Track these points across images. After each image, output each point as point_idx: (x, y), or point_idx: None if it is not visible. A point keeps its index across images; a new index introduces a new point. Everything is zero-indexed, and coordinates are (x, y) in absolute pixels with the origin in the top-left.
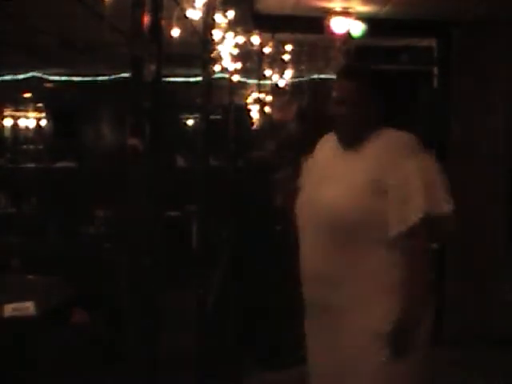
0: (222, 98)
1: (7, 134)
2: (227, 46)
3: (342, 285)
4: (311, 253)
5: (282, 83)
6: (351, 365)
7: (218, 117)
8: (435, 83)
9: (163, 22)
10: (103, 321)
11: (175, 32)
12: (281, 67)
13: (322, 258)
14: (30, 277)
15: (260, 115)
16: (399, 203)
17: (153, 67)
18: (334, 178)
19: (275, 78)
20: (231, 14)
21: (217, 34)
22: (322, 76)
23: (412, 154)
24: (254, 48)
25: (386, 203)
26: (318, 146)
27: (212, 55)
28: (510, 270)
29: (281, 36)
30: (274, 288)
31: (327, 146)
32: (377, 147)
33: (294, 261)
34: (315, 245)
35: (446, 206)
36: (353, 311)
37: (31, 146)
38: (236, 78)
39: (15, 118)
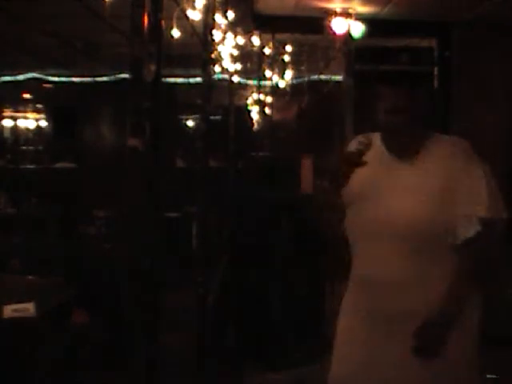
0: (222, 99)
1: (7, 134)
2: (227, 46)
3: (414, 292)
4: (380, 263)
5: (282, 84)
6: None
7: (218, 118)
8: (435, 83)
9: (163, 23)
10: (103, 321)
11: (175, 32)
12: (281, 68)
13: (394, 267)
14: (30, 277)
15: (260, 116)
16: (468, 209)
17: (153, 67)
18: (398, 189)
19: (275, 78)
20: (231, 14)
21: (217, 35)
22: (322, 76)
23: (475, 160)
24: (254, 49)
25: (455, 210)
26: None
27: (212, 56)
28: (510, 269)
29: (281, 36)
30: (275, 288)
31: (370, 155)
32: (439, 155)
33: (296, 263)
34: (386, 255)
35: (505, 211)
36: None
37: (31, 147)
38: (236, 78)
39: (15, 119)
